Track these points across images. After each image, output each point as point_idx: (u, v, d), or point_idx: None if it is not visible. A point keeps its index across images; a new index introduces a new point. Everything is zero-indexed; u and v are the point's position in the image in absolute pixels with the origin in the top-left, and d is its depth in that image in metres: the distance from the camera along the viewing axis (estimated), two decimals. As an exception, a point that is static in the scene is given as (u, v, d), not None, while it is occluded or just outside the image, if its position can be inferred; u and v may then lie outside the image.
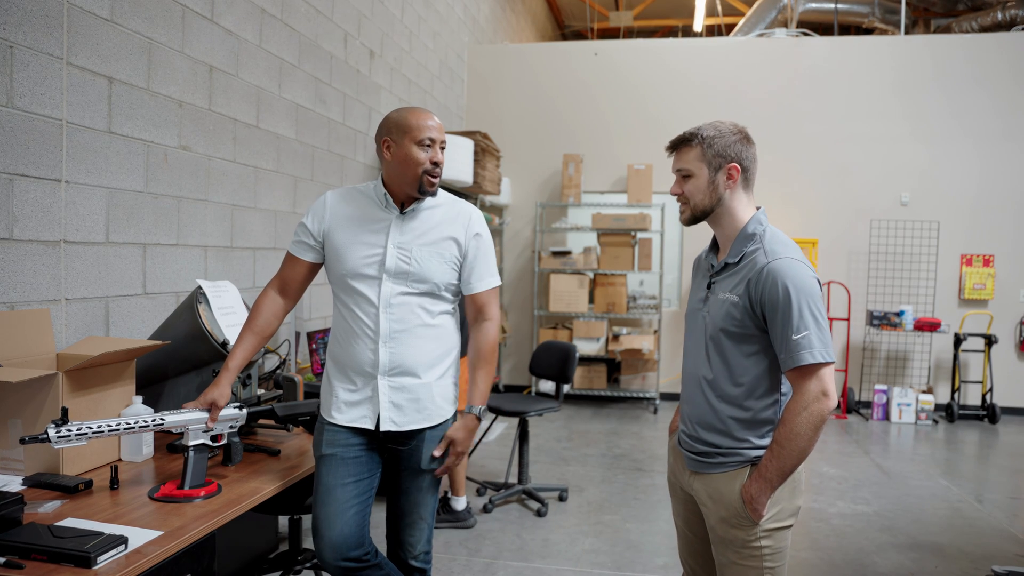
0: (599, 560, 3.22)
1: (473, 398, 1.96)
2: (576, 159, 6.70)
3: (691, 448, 1.72)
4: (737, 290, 1.60)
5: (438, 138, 1.87)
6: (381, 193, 1.91)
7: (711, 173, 1.64)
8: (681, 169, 1.68)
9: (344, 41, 4.28)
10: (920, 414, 6.22)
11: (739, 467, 1.62)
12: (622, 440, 5.41)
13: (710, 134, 1.64)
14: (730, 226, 1.67)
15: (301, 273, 1.98)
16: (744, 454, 1.62)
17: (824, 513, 3.90)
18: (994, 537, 3.60)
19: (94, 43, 2.37)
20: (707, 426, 1.67)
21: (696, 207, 1.67)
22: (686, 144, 1.67)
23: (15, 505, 1.47)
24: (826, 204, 6.65)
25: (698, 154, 1.65)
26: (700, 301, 1.72)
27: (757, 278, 1.56)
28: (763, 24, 8.50)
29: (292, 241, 1.98)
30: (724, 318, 1.62)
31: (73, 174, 2.31)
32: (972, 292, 6.50)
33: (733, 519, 1.62)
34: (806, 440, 1.52)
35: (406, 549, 1.98)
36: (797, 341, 1.51)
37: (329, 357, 1.99)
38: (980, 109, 6.47)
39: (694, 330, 1.74)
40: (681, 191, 1.68)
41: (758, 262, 1.57)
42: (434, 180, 1.87)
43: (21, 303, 2.13)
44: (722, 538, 1.65)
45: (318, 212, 1.95)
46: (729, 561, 1.65)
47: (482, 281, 1.96)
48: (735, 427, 1.63)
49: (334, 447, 1.89)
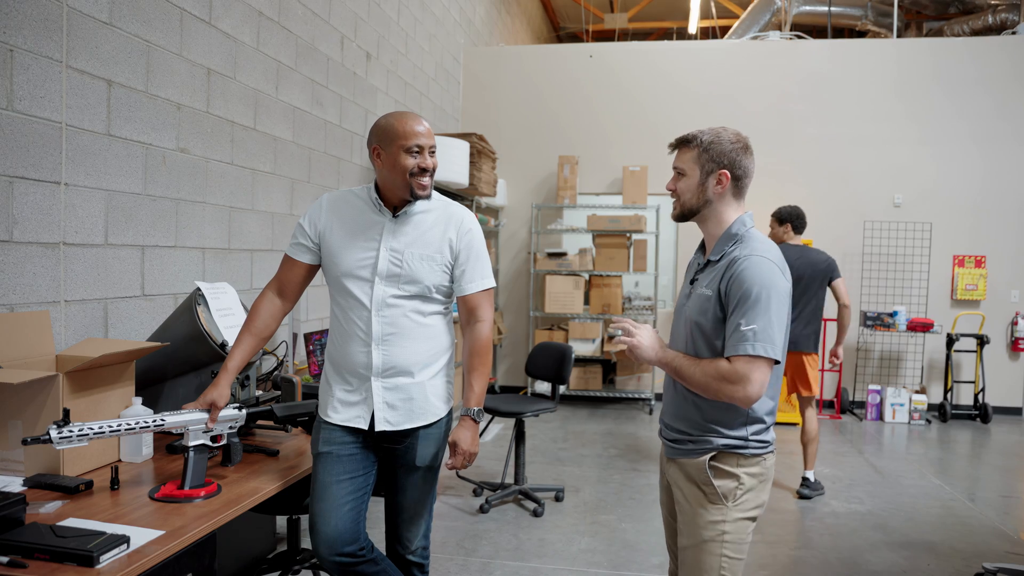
0: (595, 560, 3.24)
1: (469, 400, 1.98)
2: (572, 161, 6.72)
3: (667, 436, 1.82)
4: (712, 285, 1.69)
5: (426, 144, 1.87)
6: (374, 197, 1.94)
7: (702, 176, 1.72)
8: (677, 167, 1.77)
9: (341, 44, 4.30)
10: (913, 414, 6.26)
11: (707, 453, 1.70)
12: (618, 440, 5.43)
13: (708, 139, 1.72)
14: (715, 227, 1.76)
15: (299, 275, 2.00)
16: (712, 441, 1.69)
17: (818, 512, 3.93)
18: (986, 535, 3.64)
19: (93, 46, 2.39)
20: (679, 414, 1.76)
21: (684, 205, 1.77)
22: (685, 144, 1.75)
23: (17, 505, 1.48)
24: (820, 206, 6.68)
25: (694, 156, 1.73)
26: (684, 297, 1.82)
27: (728, 271, 1.65)
28: (757, 27, 8.55)
29: (289, 243, 2.01)
30: (699, 311, 1.70)
31: (72, 176, 2.32)
32: (964, 293, 6.55)
33: (698, 498, 1.70)
34: (701, 388, 1.64)
35: (403, 544, 2.02)
36: (744, 332, 1.58)
37: (327, 357, 2.03)
38: (973, 112, 6.52)
39: (677, 325, 1.84)
40: (674, 188, 1.77)
41: (734, 258, 1.66)
42: (425, 184, 1.89)
43: (21, 305, 2.14)
44: (688, 520, 1.72)
45: (314, 215, 1.97)
46: (691, 544, 1.71)
47: (473, 283, 1.97)
48: (704, 415, 1.70)
49: (330, 445, 1.92)
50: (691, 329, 1.72)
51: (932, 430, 6.07)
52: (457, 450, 1.94)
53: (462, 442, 1.94)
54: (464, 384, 2.02)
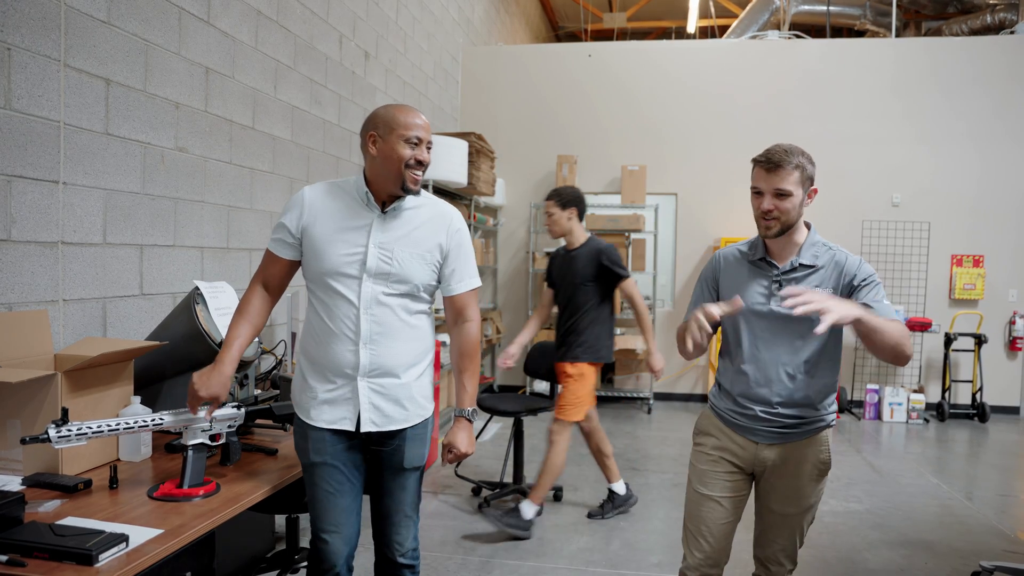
0: (593, 558, 3.25)
1: (462, 401, 1.97)
2: (570, 160, 6.73)
3: (776, 423, 1.96)
4: (824, 284, 1.90)
5: (425, 137, 1.85)
6: (363, 191, 1.87)
7: (803, 195, 1.91)
8: (781, 189, 1.88)
9: (339, 43, 4.30)
10: (911, 413, 6.27)
11: (821, 431, 2.00)
12: (616, 440, 5.43)
13: (804, 161, 1.89)
14: (799, 236, 1.95)
15: (282, 271, 1.94)
16: (823, 420, 1.99)
17: (817, 511, 3.93)
18: (983, 534, 3.65)
19: (91, 45, 2.38)
20: (793, 400, 1.94)
21: (787, 223, 1.90)
22: (787, 166, 1.87)
23: (16, 504, 1.48)
24: (819, 205, 6.61)
25: (797, 177, 1.88)
26: (762, 298, 1.94)
27: (843, 271, 1.90)
28: (756, 26, 8.56)
29: (271, 239, 1.94)
30: None
31: (70, 175, 2.32)
32: (962, 292, 6.56)
33: (811, 473, 1.99)
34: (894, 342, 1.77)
35: (393, 548, 1.99)
36: (887, 305, 1.84)
37: (303, 355, 1.94)
38: (971, 111, 6.53)
39: (766, 325, 1.95)
40: (775, 207, 1.89)
41: (839, 261, 1.92)
42: (417, 178, 1.85)
43: (19, 304, 2.14)
44: (794, 492, 2.00)
45: (295, 208, 1.89)
46: (797, 511, 2.03)
47: (462, 283, 1.95)
48: (816, 398, 1.95)
49: (323, 455, 1.88)
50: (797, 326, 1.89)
51: (930, 429, 6.07)
52: (454, 452, 1.94)
53: (460, 444, 1.94)
54: (456, 385, 2.01)
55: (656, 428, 5.90)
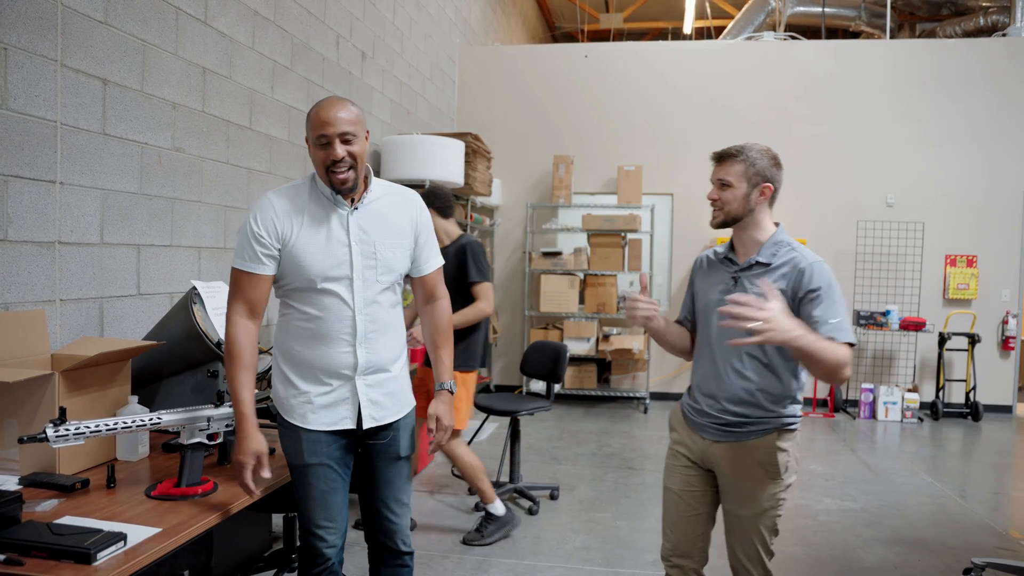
0: (590, 557, 3.26)
1: (442, 375, 2.02)
2: (567, 160, 6.74)
3: (720, 420, 1.94)
4: (776, 284, 1.85)
5: (334, 132, 1.74)
6: (325, 190, 1.83)
7: (748, 188, 1.89)
8: (723, 179, 1.91)
9: (336, 43, 4.30)
10: (906, 412, 6.30)
11: (770, 433, 1.91)
12: (612, 439, 5.45)
13: (754, 155, 1.88)
14: (758, 233, 1.93)
15: (265, 290, 1.82)
16: (773, 422, 1.91)
17: (811, 509, 3.95)
18: (976, 531, 3.67)
19: (88, 45, 2.39)
20: (738, 399, 1.91)
21: (728, 214, 1.92)
22: (732, 158, 1.90)
23: (14, 503, 1.49)
24: (813, 205, 6.72)
25: (741, 169, 1.88)
26: (720, 293, 1.93)
27: (795, 273, 1.84)
28: (751, 27, 8.59)
29: (243, 259, 1.78)
30: None
31: (67, 175, 2.32)
32: (956, 292, 6.59)
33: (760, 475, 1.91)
34: (827, 369, 1.72)
35: (394, 536, 2.00)
36: (836, 324, 1.77)
37: (283, 360, 1.87)
38: (965, 112, 6.56)
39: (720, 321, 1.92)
40: (718, 197, 1.92)
41: (796, 262, 1.85)
42: (344, 179, 1.76)
43: (16, 304, 2.14)
44: (746, 494, 1.92)
45: (267, 218, 1.78)
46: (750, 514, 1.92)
47: (430, 262, 2.01)
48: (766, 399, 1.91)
49: (319, 456, 1.86)
50: None
51: (924, 428, 6.11)
52: (440, 424, 1.98)
53: (444, 417, 1.99)
54: (433, 360, 2.05)
55: (652, 427, 5.91)
